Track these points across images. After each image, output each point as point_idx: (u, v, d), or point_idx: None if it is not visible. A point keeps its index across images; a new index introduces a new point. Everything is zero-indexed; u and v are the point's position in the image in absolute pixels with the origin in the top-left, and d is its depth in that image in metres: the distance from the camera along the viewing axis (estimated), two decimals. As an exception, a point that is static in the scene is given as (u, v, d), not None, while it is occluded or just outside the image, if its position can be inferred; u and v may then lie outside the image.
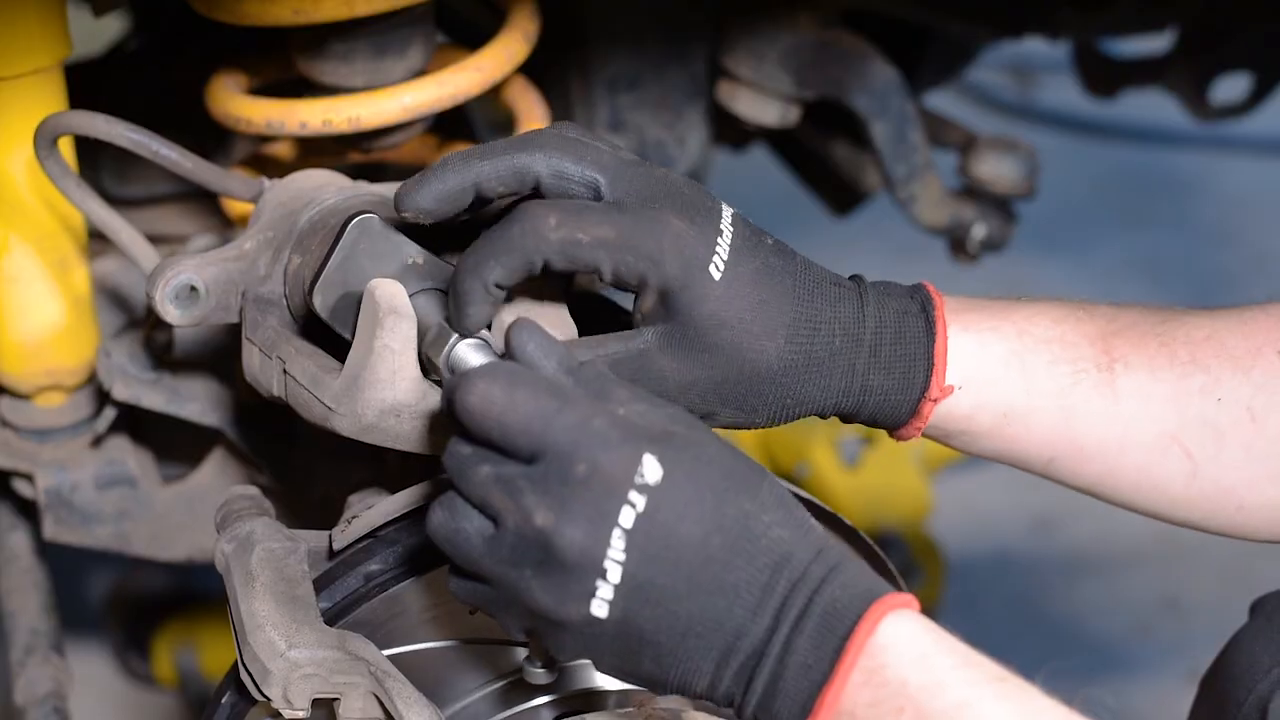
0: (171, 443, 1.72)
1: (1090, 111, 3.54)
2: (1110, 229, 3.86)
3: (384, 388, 1.20)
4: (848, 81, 1.90)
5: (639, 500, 1.04)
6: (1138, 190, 4.02)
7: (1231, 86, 2.31)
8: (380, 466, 1.47)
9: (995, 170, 2.01)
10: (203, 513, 1.69)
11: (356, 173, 1.52)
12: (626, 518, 1.04)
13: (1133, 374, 1.27)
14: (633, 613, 1.05)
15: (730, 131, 2.10)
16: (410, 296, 1.21)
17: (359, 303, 1.22)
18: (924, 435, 1.29)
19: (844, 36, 1.92)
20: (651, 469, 1.05)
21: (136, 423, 1.68)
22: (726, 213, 1.21)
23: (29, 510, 1.78)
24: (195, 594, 2.64)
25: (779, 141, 2.29)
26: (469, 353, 1.18)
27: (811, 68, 1.90)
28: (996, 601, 2.87)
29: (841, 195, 2.26)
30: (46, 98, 1.51)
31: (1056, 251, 3.66)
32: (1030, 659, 1.10)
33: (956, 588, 2.79)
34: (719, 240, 1.18)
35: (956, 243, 2.05)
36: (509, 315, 1.23)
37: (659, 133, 1.97)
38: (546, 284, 1.25)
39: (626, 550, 1.04)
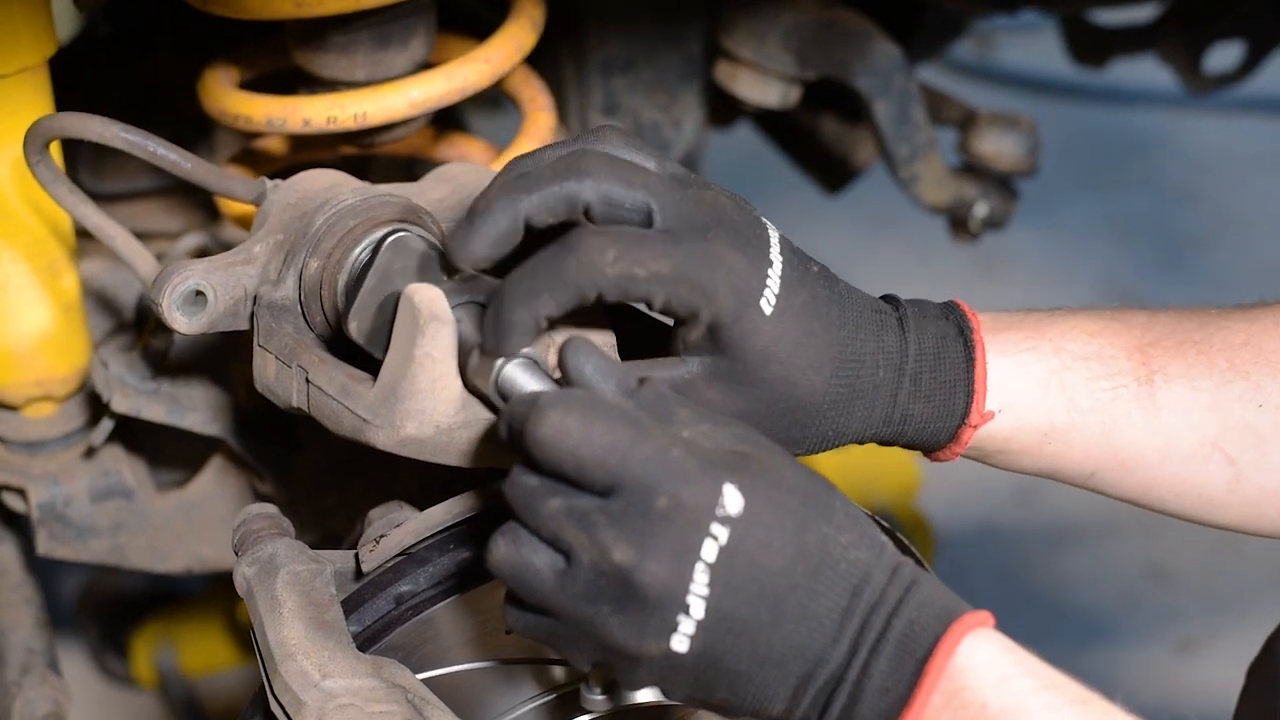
0: (166, 449, 1.66)
1: (1052, 72, 3.52)
2: (1076, 191, 3.84)
3: (424, 398, 1.14)
4: (850, 61, 1.86)
5: (721, 533, 1.02)
6: (1102, 151, 4.00)
7: (1222, 55, 2.28)
8: (388, 476, 1.42)
9: (997, 147, 1.98)
10: (201, 522, 1.64)
11: (343, 164, 1.46)
12: (709, 551, 1.02)
13: (1172, 385, 1.26)
14: (713, 644, 1.03)
15: (721, 111, 2.05)
16: None
17: (394, 314, 1.16)
18: (963, 456, 1.27)
19: (845, 15, 1.88)
20: (733, 499, 1.02)
21: (129, 430, 1.62)
22: (774, 239, 1.17)
23: (17, 522, 1.72)
24: (173, 592, 2.58)
25: (768, 119, 2.24)
26: (520, 375, 1.12)
27: (814, 48, 1.86)
28: (984, 574, 2.85)
29: (832, 173, 2.23)
30: (33, 97, 1.46)
31: (1023, 215, 3.62)
32: (1021, 632, 1.09)
33: (944, 561, 2.77)
34: (769, 272, 1.15)
35: (958, 222, 2.02)
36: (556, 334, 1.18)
37: (654, 115, 1.93)
38: (591, 311, 1.20)
39: (710, 584, 1.02)
